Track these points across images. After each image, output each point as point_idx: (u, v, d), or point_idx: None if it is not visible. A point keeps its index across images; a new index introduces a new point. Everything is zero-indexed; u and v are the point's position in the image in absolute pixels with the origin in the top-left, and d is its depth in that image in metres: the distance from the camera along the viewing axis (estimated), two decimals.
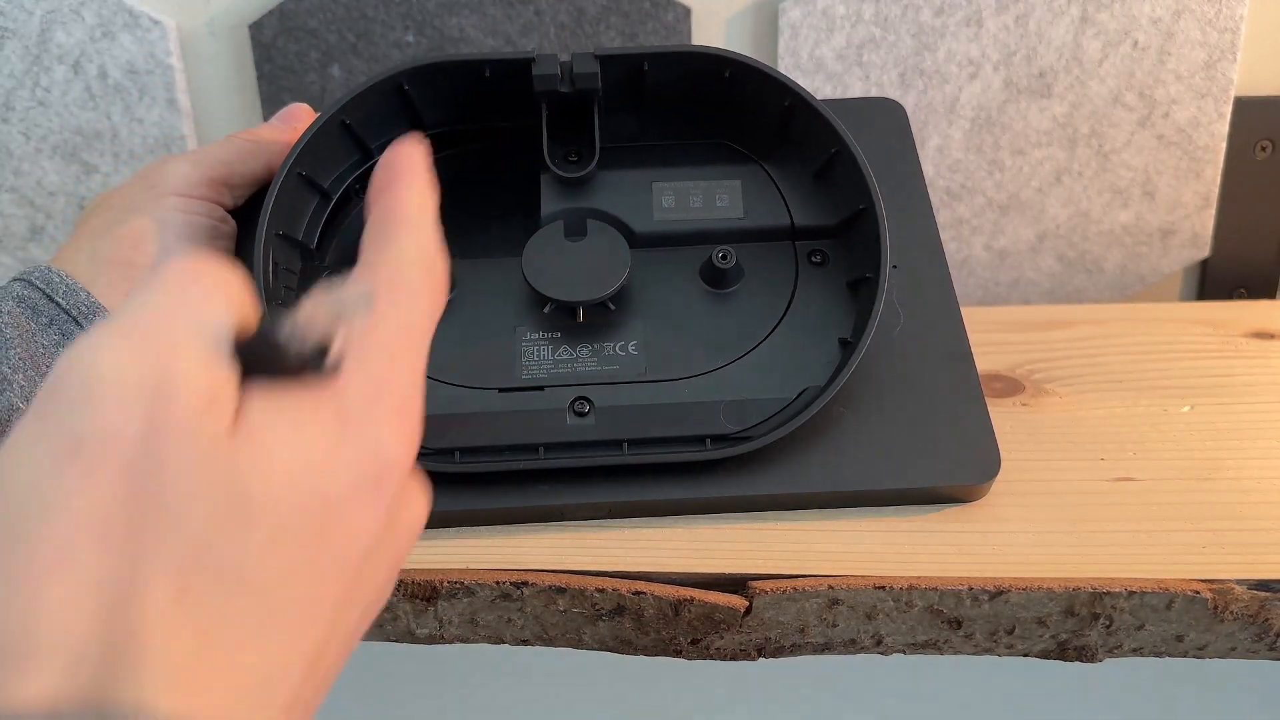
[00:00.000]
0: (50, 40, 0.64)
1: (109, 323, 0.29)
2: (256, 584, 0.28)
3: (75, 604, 0.26)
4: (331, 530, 0.30)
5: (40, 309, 0.45)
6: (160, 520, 0.27)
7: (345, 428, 0.30)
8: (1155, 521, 0.49)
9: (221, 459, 0.28)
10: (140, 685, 0.26)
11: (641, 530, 0.48)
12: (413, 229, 0.34)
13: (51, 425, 0.28)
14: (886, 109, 0.58)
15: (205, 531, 0.28)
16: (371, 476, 0.31)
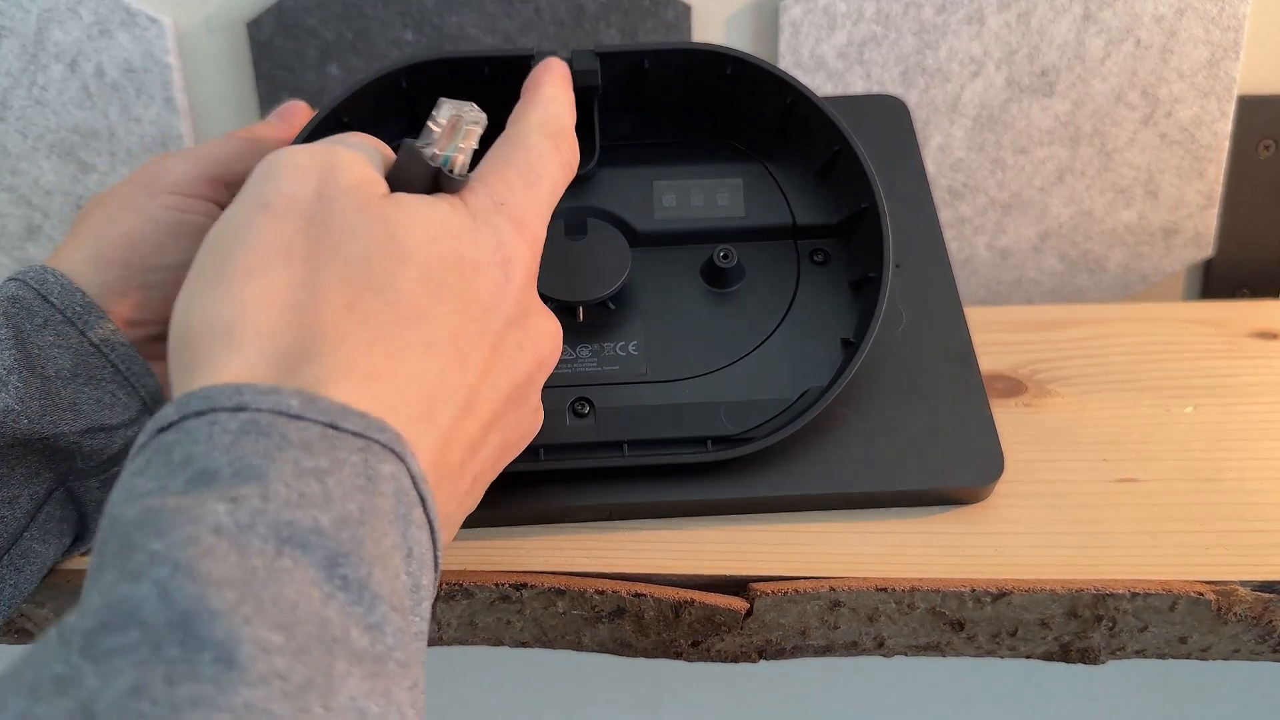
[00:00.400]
0: (47, 38, 0.64)
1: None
2: (411, 310, 0.35)
3: (267, 301, 0.34)
4: (470, 286, 0.36)
5: (35, 310, 0.45)
6: (330, 249, 0.35)
7: (473, 217, 0.37)
8: (1158, 523, 0.48)
9: (377, 211, 0.36)
10: (320, 370, 0.32)
11: (642, 532, 0.48)
12: (546, 105, 0.43)
13: (248, 194, 0.36)
14: (889, 106, 0.57)
15: (366, 260, 0.35)
16: (500, 260, 0.37)
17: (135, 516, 0.29)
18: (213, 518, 0.28)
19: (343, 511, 0.30)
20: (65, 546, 0.47)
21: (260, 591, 0.27)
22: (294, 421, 0.30)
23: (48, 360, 0.45)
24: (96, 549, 0.30)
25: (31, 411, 0.43)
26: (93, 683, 0.25)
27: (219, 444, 0.30)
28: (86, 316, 0.46)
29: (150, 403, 0.48)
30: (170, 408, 0.31)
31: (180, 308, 0.35)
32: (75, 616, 0.27)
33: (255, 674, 0.26)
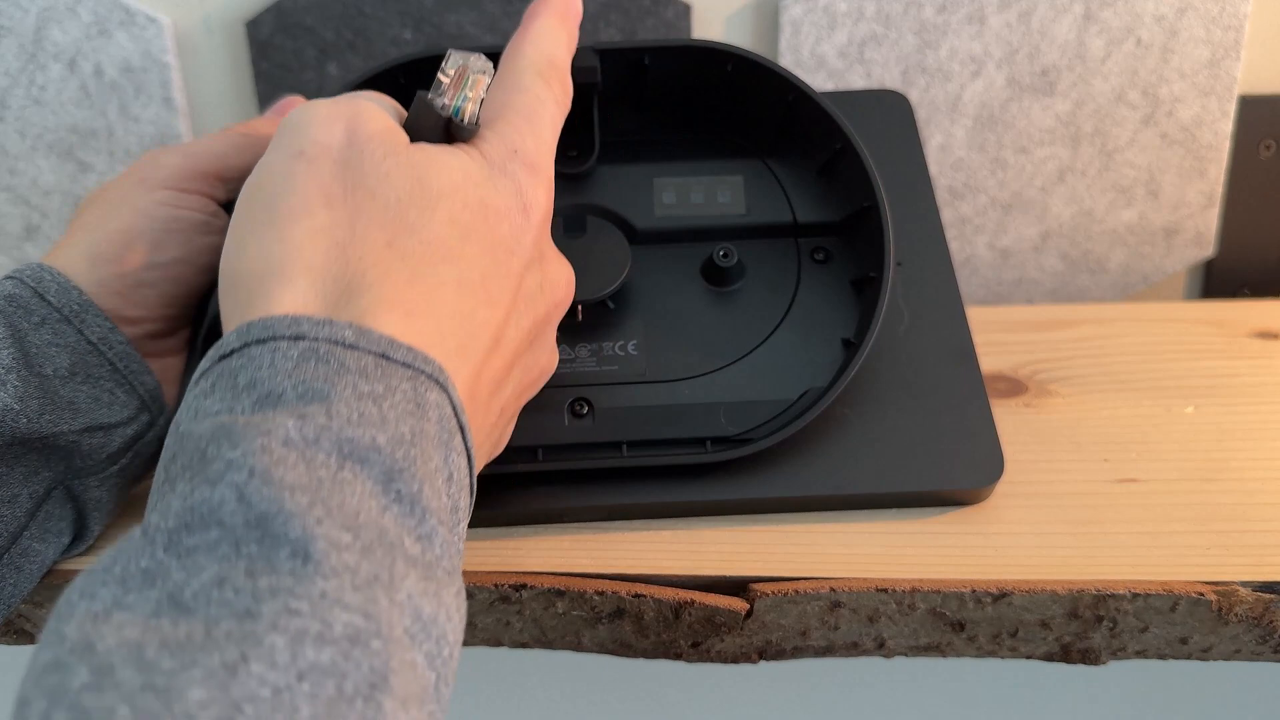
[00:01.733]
0: (45, 38, 0.64)
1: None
2: (444, 250, 0.37)
3: (313, 241, 0.36)
4: (494, 230, 0.38)
5: (32, 308, 0.45)
6: (365, 192, 0.37)
7: (491, 167, 0.39)
8: (1159, 523, 0.48)
9: (404, 156, 0.38)
10: (366, 303, 0.35)
11: (642, 532, 0.48)
12: (537, 41, 0.44)
13: (281, 143, 0.38)
14: (891, 101, 0.57)
15: (399, 203, 0.37)
16: (519, 207, 0.39)
17: (208, 431, 0.31)
18: (282, 431, 0.31)
19: (397, 433, 0.32)
20: (64, 546, 0.47)
21: (328, 498, 0.30)
22: (349, 351, 0.33)
23: (45, 359, 0.45)
24: (163, 464, 0.33)
25: (30, 410, 0.43)
26: (178, 575, 0.28)
27: (282, 369, 0.32)
28: (84, 315, 0.46)
29: (148, 401, 0.48)
30: (232, 335, 0.34)
31: (230, 251, 0.38)
32: (156, 517, 0.30)
33: (328, 567, 0.29)
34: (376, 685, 0.28)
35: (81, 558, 0.49)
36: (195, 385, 0.34)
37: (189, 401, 0.33)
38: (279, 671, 0.27)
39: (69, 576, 0.48)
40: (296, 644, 0.27)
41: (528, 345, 0.41)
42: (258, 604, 0.28)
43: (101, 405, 0.46)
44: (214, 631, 0.27)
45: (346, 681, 0.27)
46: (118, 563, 0.29)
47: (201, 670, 0.26)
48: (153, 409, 0.48)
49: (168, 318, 0.49)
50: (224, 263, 0.38)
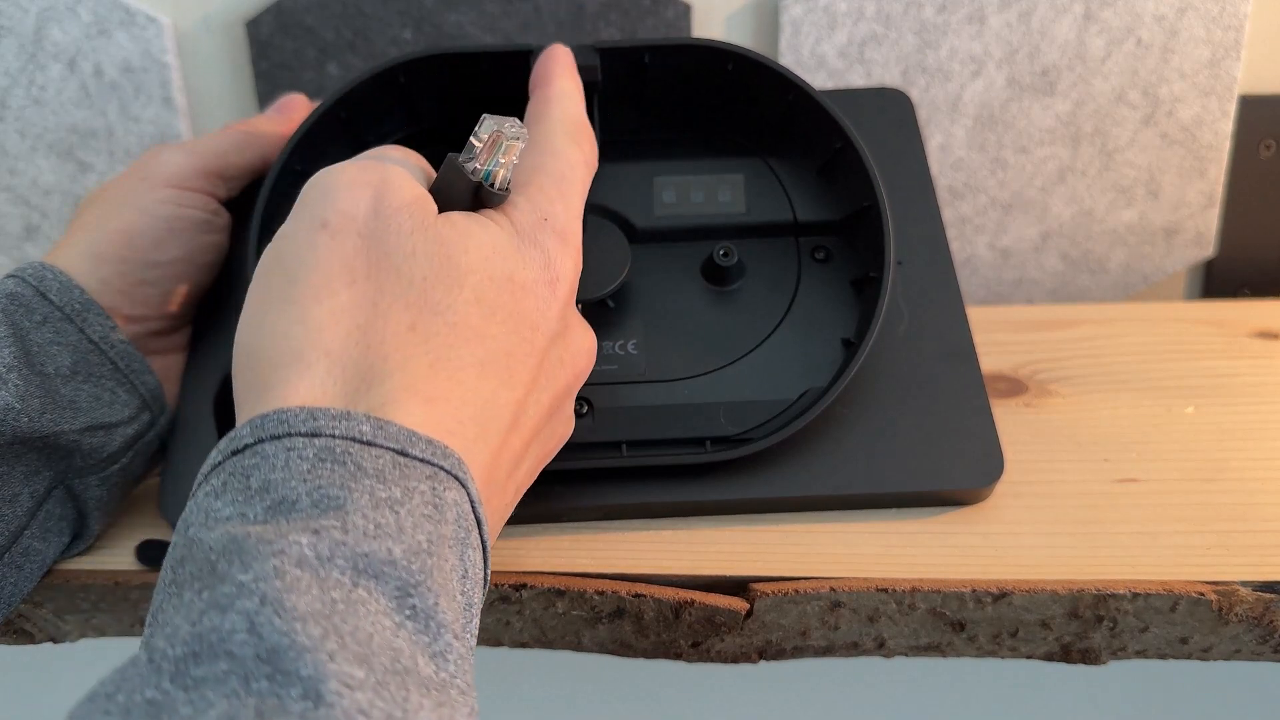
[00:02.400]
0: (45, 38, 0.64)
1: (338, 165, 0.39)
2: (468, 331, 0.36)
3: (334, 322, 0.35)
4: (520, 306, 0.38)
5: (33, 307, 0.45)
6: (390, 270, 0.36)
7: (521, 236, 0.39)
8: (1159, 523, 0.48)
9: (431, 231, 0.37)
10: (386, 391, 0.34)
11: (642, 532, 0.48)
12: (561, 102, 0.44)
13: (304, 212, 0.37)
14: (892, 99, 0.57)
15: (425, 281, 0.36)
16: (547, 280, 0.39)
17: (218, 543, 0.30)
18: (296, 550, 0.29)
19: (414, 542, 0.31)
20: (65, 545, 0.47)
21: (341, 625, 0.29)
22: (367, 448, 0.32)
23: (47, 358, 0.45)
24: (171, 567, 0.31)
25: (31, 409, 0.43)
26: (184, 710, 0.27)
27: (296, 471, 0.31)
28: (85, 314, 0.46)
29: (149, 399, 0.48)
30: (245, 429, 0.33)
31: (247, 328, 0.37)
32: (163, 641, 0.28)
33: (340, 711, 0.27)
34: None
35: (82, 557, 0.49)
36: (206, 481, 0.33)
37: (199, 501, 0.32)
38: None
39: (69, 576, 0.48)
40: None
41: (546, 420, 0.40)
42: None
43: (102, 404, 0.46)
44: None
45: None
46: (121, 691, 0.28)
47: None
48: (154, 408, 0.48)
49: (169, 316, 0.49)
50: (240, 336, 0.37)
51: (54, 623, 0.50)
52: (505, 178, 0.40)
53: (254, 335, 0.36)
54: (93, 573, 0.48)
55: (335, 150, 0.52)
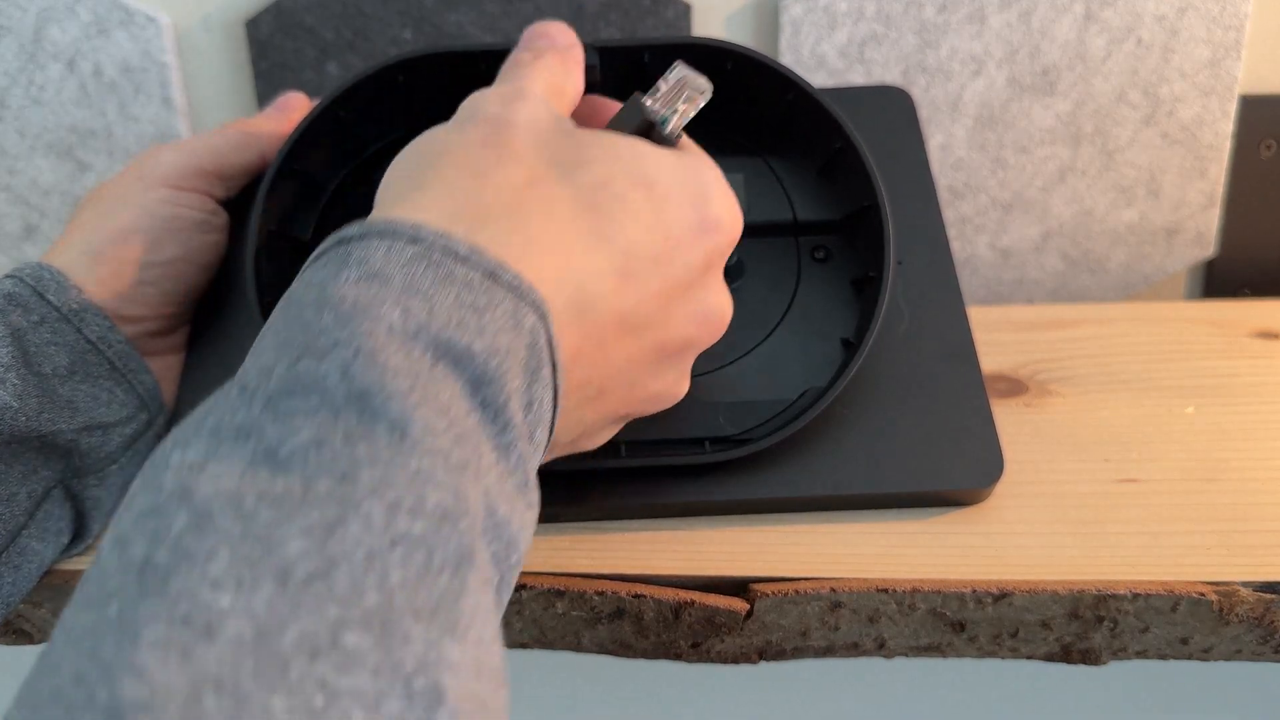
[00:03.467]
0: (45, 37, 0.64)
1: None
2: (586, 202, 0.37)
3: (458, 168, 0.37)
4: (659, 212, 0.38)
5: (31, 307, 0.45)
6: (520, 140, 0.38)
7: (683, 164, 0.40)
8: (1160, 523, 0.48)
9: (567, 130, 0.39)
10: (491, 230, 0.35)
11: (641, 532, 0.48)
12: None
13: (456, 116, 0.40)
14: (893, 97, 0.57)
15: (552, 149, 0.38)
16: (697, 212, 0.39)
17: (314, 299, 0.32)
18: (388, 319, 0.31)
19: (492, 344, 0.33)
20: (63, 545, 0.47)
21: (424, 387, 0.31)
22: (460, 263, 0.33)
23: (44, 358, 0.45)
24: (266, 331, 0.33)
25: (29, 409, 0.43)
26: (274, 433, 0.29)
27: (394, 260, 0.33)
28: (82, 313, 0.46)
29: (147, 399, 0.48)
30: (355, 225, 0.35)
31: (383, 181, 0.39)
32: (255, 377, 0.31)
33: (424, 447, 0.29)
34: (463, 561, 0.29)
35: (81, 558, 0.48)
36: (310, 265, 0.35)
37: (302, 278, 0.34)
38: (374, 535, 0.27)
39: (69, 576, 0.48)
40: (392, 512, 0.28)
41: (657, 357, 0.40)
42: (355, 469, 0.28)
43: (100, 404, 0.46)
44: (311, 490, 0.28)
45: (435, 555, 0.28)
46: (211, 415, 0.30)
47: (300, 525, 0.27)
48: (151, 408, 0.48)
49: (167, 316, 0.49)
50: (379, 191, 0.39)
51: (53, 623, 0.50)
52: (678, 126, 0.41)
53: (384, 185, 0.39)
54: None
55: (334, 149, 0.52)
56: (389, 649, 0.26)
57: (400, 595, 0.27)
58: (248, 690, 0.24)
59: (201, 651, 0.25)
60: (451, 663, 0.27)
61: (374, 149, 0.53)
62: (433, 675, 0.27)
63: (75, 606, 0.27)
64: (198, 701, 0.24)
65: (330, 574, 0.26)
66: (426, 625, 0.27)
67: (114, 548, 0.27)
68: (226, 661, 0.25)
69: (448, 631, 0.28)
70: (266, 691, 0.25)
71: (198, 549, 0.26)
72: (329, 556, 0.27)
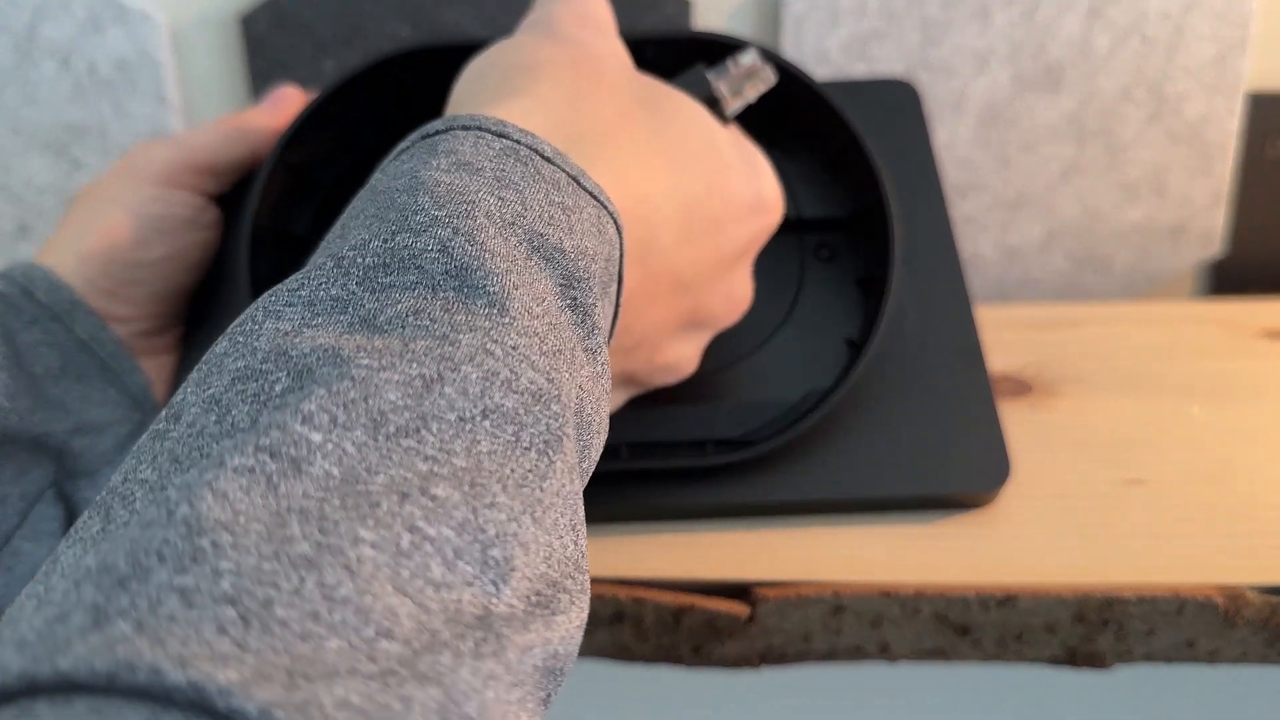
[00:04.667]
0: (39, 35, 0.63)
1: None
2: (665, 143, 0.38)
3: (553, 86, 0.37)
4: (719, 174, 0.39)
5: (21, 307, 0.45)
6: (609, 76, 0.39)
7: (742, 141, 0.41)
8: (1166, 525, 0.48)
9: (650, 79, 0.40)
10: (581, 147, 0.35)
11: (641, 535, 0.48)
12: None
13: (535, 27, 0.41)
14: (899, 91, 0.56)
15: (638, 89, 0.39)
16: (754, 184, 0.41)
17: (406, 184, 0.32)
18: (485, 204, 0.31)
19: (581, 245, 0.33)
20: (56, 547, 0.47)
21: (522, 271, 0.30)
22: (546, 163, 0.33)
23: (35, 358, 0.44)
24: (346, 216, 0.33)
25: (21, 409, 0.43)
26: (370, 304, 0.29)
27: (483, 152, 0.33)
28: (73, 313, 0.45)
29: (139, 399, 0.47)
30: (437, 121, 0.34)
31: (461, 83, 0.40)
32: (352, 252, 0.30)
33: (522, 325, 0.29)
34: (550, 444, 0.29)
35: None
36: (394, 159, 0.34)
37: (386, 169, 0.34)
38: (469, 401, 0.27)
39: None
40: (487, 381, 0.28)
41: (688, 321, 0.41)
42: (455, 333, 0.28)
43: (92, 405, 0.46)
44: (411, 346, 0.27)
45: (524, 431, 0.28)
46: (305, 287, 0.29)
47: (399, 375, 0.27)
48: (144, 408, 0.48)
49: (157, 315, 0.49)
50: (454, 93, 0.39)
51: None
52: (736, 109, 0.41)
53: (466, 87, 0.39)
54: None
55: (329, 144, 0.51)
56: (476, 509, 0.26)
57: (488, 463, 0.27)
58: (335, 519, 0.24)
59: (288, 485, 0.24)
60: (525, 541, 0.27)
61: (370, 143, 0.52)
62: (508, 549, 0.26)
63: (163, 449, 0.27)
64: (283, 526, 0.24)
65: (421, 431, 0.26)
66: (511, 496, 0.27)
67: (208, 410, 0.27)
68: (313, 496, 0.24)
69: (529, 509, 0.27)
70: (355, 521, 0.24)
71: (299, 406, 0.26)
72: (422, 413, 0.26)
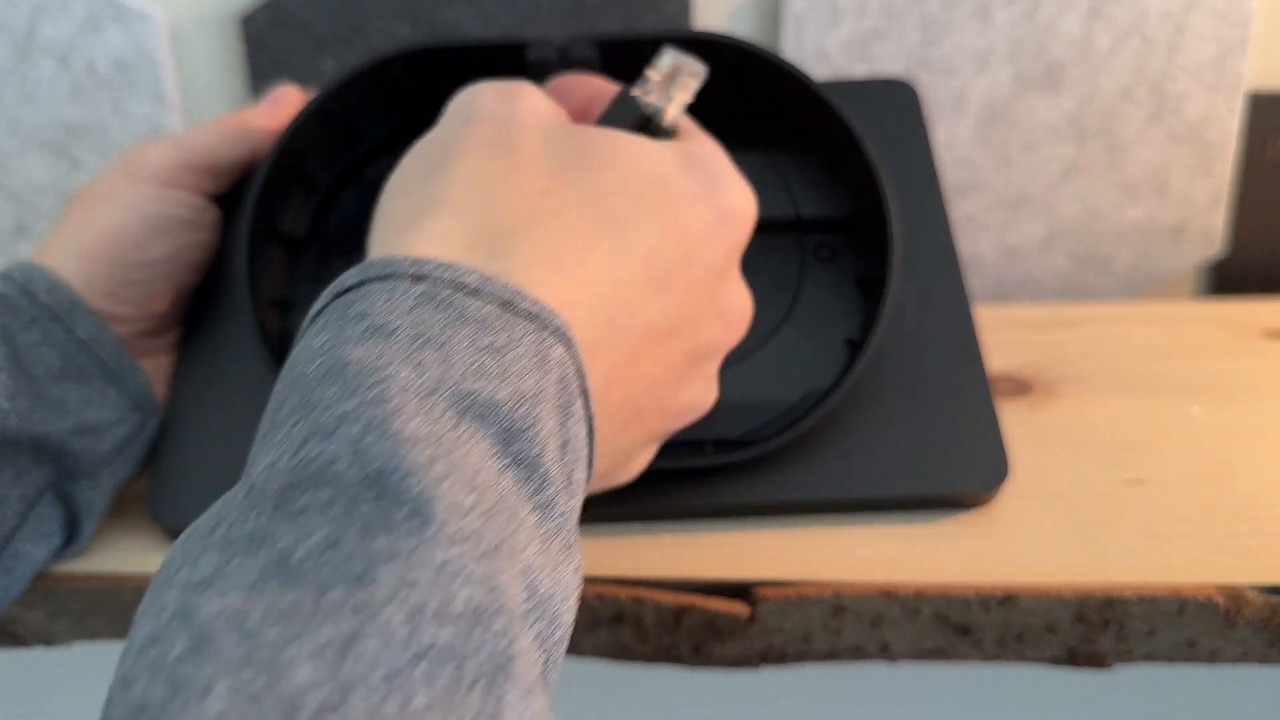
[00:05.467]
0: (38, 34, 0.63)
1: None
2: (605, 210, 0.35)
3: (466, 183, 0.35)
4: (675, 214, 0.36)
5: (21, 307, 0.45)
6: (530, 147, 0.36)
7: (688, 157, 0.38)
8: (1167, 525, 0.48)
9: (575, 128, 0.38)
10: (508, 249, 0.33)
11: (641, 535, 0.47)
12: None
13: (449, 119, 0.39)
14: (898, 90, 0.56)
15: (565, 159, 0.36)
16: (711, 207, 0.37)
17: (317, 372, 0.29)
18: (400, 378, 0.29)
19: (518, 389, 0.30)
20: (56, 548, 0.47)
21: (448, 453, 0.28)
22: (471, 298, 0.31)
23: (35, 358, 0.44)
24: (270, 412, 0.31)
25: (21, 409, 0.43)
26: (286, 538, 0.26)
27: (398, 308, 0.30)
28: (73, 313, 0.45)
29: (139, 400, 0.47)
30: (352, 272, 0.32)
31: (383, 200, 0.37)
32: (263, 472, 0.28)
33: (450, 532, 0.26)
34: (500, 670, 0.25)
35: (73, 560, 0.48)
36: (310, 325, 0.32)
37: (301, 345, 0.32)
38: (395, 651, 0.24)
39: (61, 579, 0.47)
40: (415, 620, 0.25)
41: (689, 364, 0.38)
42: (373, 569, 0.25)
43: (92, 405, 0.45)
44: (324, 600, 0.25)
45: (467, 666, 0.25)
46: (221, 525, 0.27)
47: (310, 645, 0.24)
48: (144, 409, 0.48)
49: (157, 315, 0.49)
50: (377, 211, 0.37)
51: (46, 626, 0.49)
52: (675, 115, 0.39)
53: (388, 203, 0.37)
54: (85, 576, 0.47)
55: (329, 144, 0.51)
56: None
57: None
58: None
59: None
60: None
61: (369, 144, 0.52)
62: None
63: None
64: None
65: (342, 707, 0.23)
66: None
67: (118, 689, 0.24)
68: None
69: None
70: None
71: (195, 679, 0.23)
72: (343, 683, 0.23)
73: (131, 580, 0.47)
